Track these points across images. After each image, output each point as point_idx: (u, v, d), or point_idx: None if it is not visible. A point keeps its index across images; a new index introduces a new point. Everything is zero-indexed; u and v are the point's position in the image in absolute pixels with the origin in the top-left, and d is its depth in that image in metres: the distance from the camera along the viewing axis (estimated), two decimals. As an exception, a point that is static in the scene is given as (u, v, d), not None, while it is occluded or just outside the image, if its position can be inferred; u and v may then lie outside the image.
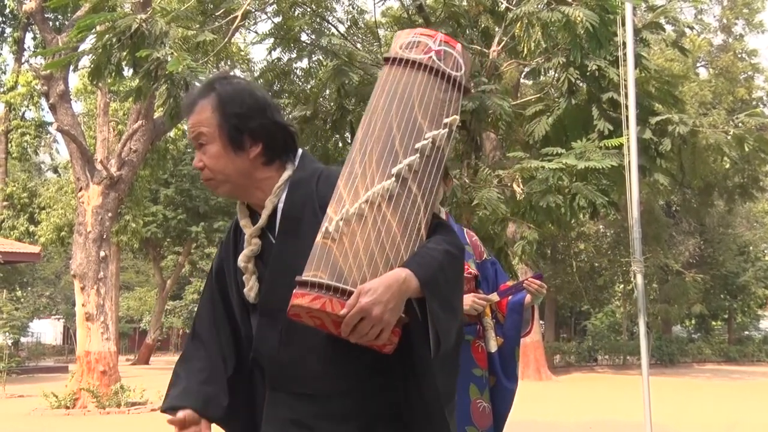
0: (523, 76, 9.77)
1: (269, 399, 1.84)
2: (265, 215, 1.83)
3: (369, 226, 1.66)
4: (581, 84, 6.37)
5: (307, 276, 1.59)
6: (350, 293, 1.55)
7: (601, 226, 26.61)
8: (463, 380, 3.21)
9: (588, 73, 6.20)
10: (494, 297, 3.37)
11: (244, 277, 1.83)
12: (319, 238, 1.64)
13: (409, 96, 1.83)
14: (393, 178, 1.70)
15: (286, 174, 1.84)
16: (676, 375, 24.01)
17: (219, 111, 1.80)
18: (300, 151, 1.89)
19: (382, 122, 1.80)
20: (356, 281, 1.58)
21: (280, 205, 1.83)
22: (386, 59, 1.90)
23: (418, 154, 1.75)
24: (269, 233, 1.83)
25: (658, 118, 6.34)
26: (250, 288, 1.82)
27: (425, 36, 1.91)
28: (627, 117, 5.35)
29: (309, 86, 6.84)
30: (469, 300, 3.24)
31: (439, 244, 1.68)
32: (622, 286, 30.66)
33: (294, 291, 1.58)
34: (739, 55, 27.16)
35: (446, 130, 1.81)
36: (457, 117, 1.84)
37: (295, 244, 1.75)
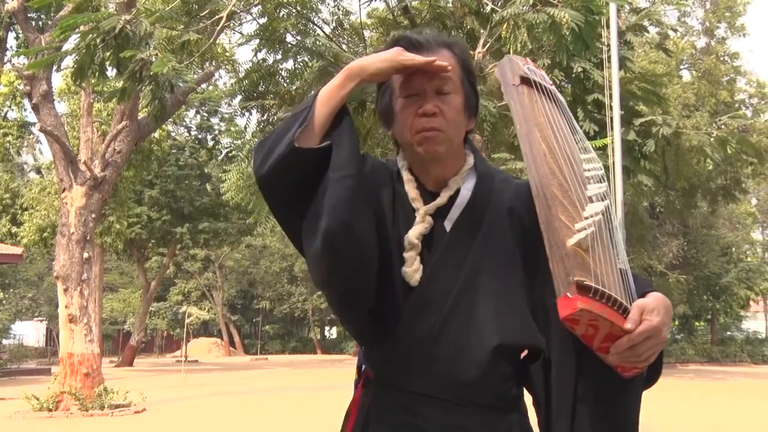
0: (508, 77, 9.79)
1: (385, 397, 1.65)
2: (446, 195, 1.66)
3: (602, 242, 1.56)
4: (566, 85, 6.39)
5: (584, 281, 1.45)
6: (626, 309, 1.45)
7: (585, 228, 26.71)
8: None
9: (573, 75, 6.23)
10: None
11: (407, 254, 1.63)
12: (570, 244, 1.50)
13: (562, 123, 1.72)
14: (601, 200, 1.61)
15: (471, 159, 1.72)
16: (660, 375, 24.12)
17: (462, 68, 1.68)
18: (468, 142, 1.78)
19: (557, 140, 1.66)
20: (619, 297, 1.46)
21: (464, 192, 1.68)
22: (526, 80, 1.74)
23: (590, 179, 1.65)
24: (440, 215, 1.67)
25: (642, 120, 6.39)
26: (415, 270, 1.61)
27: (529, 66, 1.81)
28: (611, 118, 5.39)
29: (294, 87, 6.82)
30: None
31: (627, 266, 1.59)
32: (606, 287, 30.77)
33: (570, 294, 1.43)
34: (722, 58, 27.40)
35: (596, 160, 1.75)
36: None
37: (472, 237, 1.62)
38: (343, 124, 1.65)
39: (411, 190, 1.69)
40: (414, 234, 1.63)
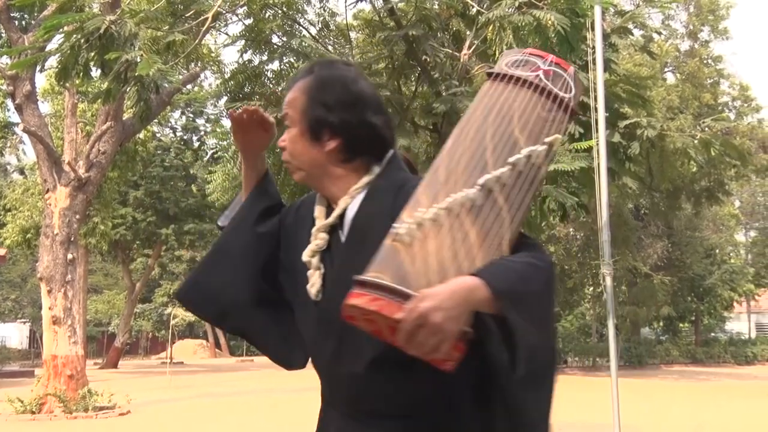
0: (493, 79, 9.82)
1: (324, 412, 1.76)
2: (334, 215, 1.74)
3: (444, 232, 1.55)
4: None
5: (367, 276, 1.46)
6: (412, 298, 1.42)
7: (571, 229, 26.85)
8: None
9: (558, 77, 6.25)
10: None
11: (308, 273, 1.73)
12: (388, 240, 1.52)
13: (508, 110, 1.75)
14: (478, 188, 1.61)
15: (366, 178, 1.74)
16: (645, 376, 24.28)
17: (307, 96, 1.74)
18: (390, 153, 1.79)
19: (474, 132, 1.70)
20: (421, 287, 1.44)
21: (351, 210, 1.73)
22: (489, 74, 1.81)
23: (509, 167, 1.65)
24: (339, 231, 1.74)
25: (627, 122, 6.42)
26: (312, 284, 1.72)
27: (535, 56, 1.84)
28: (596, 120, 5.41)
29: (280, 88, 6.80)
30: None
31: (522, 258, 1.53)
32: (591, 288, 30.94)
33: (351, 291, 1.45)
34: (705, 61, 27.60)
35: (545, 147, 1.71)
36: (560, 137, 1.74)
37: (359, 253, 1.63)
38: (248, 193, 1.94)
39: (318, 211, 1.79)
40: (306, 253, 1.73)
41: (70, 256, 13.48)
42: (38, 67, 12.13)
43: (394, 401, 1.61)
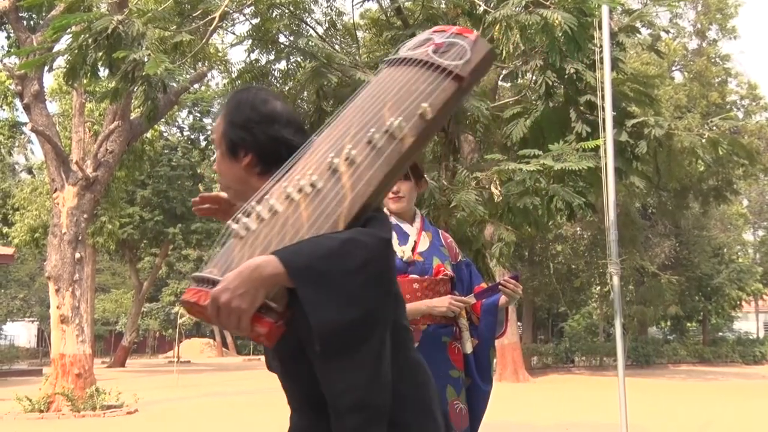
0: (500, 78, 9.82)
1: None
2: None
3: (278, 221, 1.61)
4: (559, 86, 6.40)
5: (199, 272, 1.57)
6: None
7: (578, 228, 26.81)
8: (441, 382, 3.21)
9: (566, 76, 6.24)
10: (471, 299, 3.37)
11: None
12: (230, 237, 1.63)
13: (386, 91, 1.78)
14: (322, 170, 1.67)
15: None
16: (652, 376, 24.22)
17: (224, 120, 1.90)
18: None
19: (342, 119, 1.77)
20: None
21: None
22: (384, 62, 1.87)
23: (364, 145, 1.69)
24: None
25: (635, 121, 6.39)
26: None
27: (437, 32, 1.87)
28: (603, 119, 5.40)
29: (287, 88, 6.81)
30: (446, 302, 3.24)
31: (345, 234, 1.57)
32: (598, 287, 30.88)
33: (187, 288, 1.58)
34: (713, 60, 27.49)
35: (412, 120, 1.72)
36: (427, 106, 1.73)
37: None
38: None
39: None
40: None
41: (77, 255, 13.52)
42: (46, 67, 12.18)
43: (292, 398, 1.79)
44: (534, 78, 6.81)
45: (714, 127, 8.14)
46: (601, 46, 5.56)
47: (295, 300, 1.50)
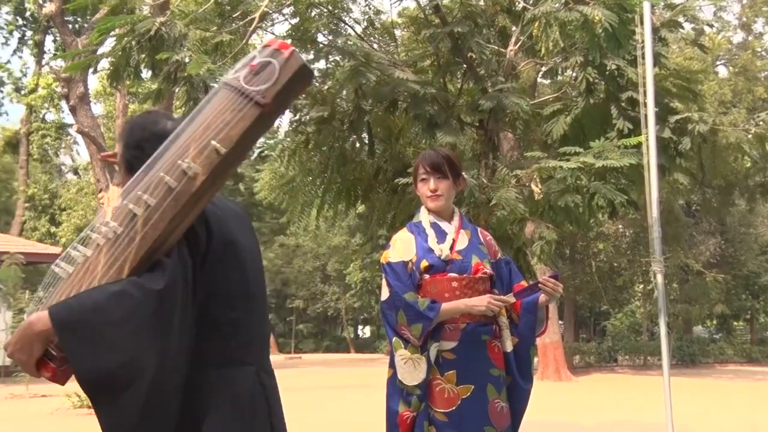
0: (540, 75, 9.73)
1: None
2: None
3: (84, 266, 1.70)
4: (599, 83, 6.33)
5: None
6: None
7: (620, 226, 26.48)
8: (481, 380, 3.21)
9: (607, 72, 6.17)
10: (510, 298, 3.35)
11: None
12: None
13: (200, 123, 1.74)
14: (124, 215, 1.71)
15: None
16: (698, 376, 23.82)
17: (121, 142, 2.12)
18: None
19: (157, 158, 1.77)
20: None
21: None
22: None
23: (162, 186, 1.69)
24: None
25: (678, 117, 6.29)
26: None
27: (262, 49, 1.80)
28: (646, 116, 5.33)
29: (326, 87, 6.83)
30: (484, 301, 3.22)
31: (116, 286, 1.67)
32: (641, 286, 30.48)
33: None
34: (759, 54, 26.93)
35: (204, 155, 1.70)
36: (216, 143, 1.70)
37: None
38: None
39: None
40: None
41: (122, 254, 13.75)
42: (91, 70, 12.41)
43: None
44: (574, 74, 6.74)
45: (761, 122, 7.98)
46: (642, 42, 5.48)
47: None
